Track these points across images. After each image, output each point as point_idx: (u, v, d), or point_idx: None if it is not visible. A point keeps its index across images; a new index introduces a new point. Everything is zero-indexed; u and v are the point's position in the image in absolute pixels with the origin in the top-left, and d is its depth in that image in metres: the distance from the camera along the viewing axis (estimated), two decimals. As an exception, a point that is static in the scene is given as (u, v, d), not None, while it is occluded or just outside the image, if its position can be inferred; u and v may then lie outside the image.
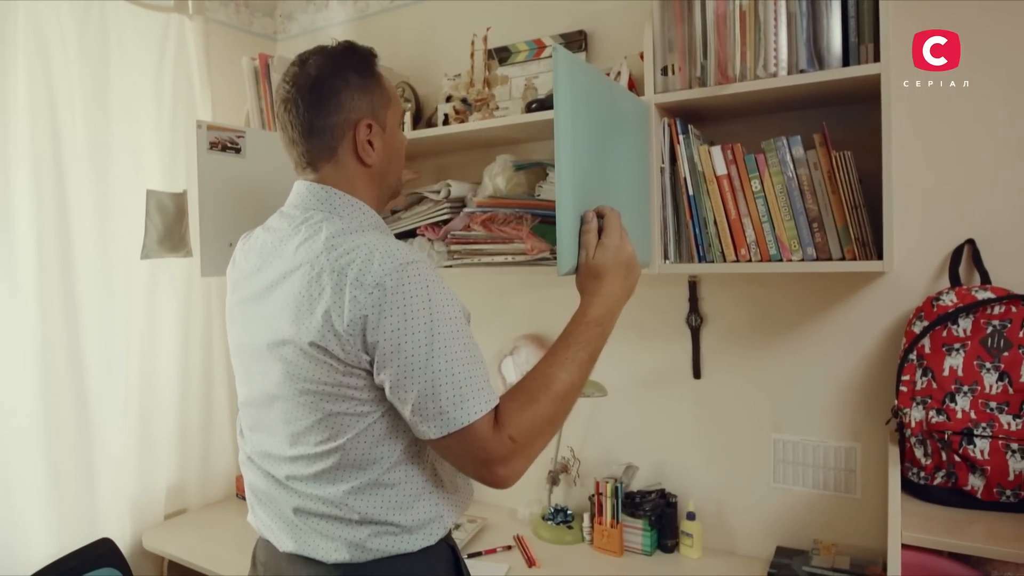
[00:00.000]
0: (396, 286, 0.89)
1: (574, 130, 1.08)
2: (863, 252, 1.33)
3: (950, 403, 1.30)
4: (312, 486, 0.98)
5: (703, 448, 1.72)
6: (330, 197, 1.04)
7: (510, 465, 0.93)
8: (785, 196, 1.38)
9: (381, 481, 0.97)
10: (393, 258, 0.91)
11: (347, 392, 0.93)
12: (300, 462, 0.98)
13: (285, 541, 1.02)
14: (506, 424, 0.92)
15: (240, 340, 1.08)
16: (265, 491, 1.05)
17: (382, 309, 0.89)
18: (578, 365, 1.00)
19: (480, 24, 1.88)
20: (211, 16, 2.14)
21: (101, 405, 1.81)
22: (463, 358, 0.92)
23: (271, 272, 1.01)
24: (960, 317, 1.32)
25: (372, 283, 0.89)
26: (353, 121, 1.05)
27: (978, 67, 1.39)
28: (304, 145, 1.05)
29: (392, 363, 0.90)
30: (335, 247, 0.94)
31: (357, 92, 1.05)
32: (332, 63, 1.05)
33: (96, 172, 1.83)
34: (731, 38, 1.39)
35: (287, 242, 1.01)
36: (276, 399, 0.99)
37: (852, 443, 1.55)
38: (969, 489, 1.25)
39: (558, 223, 1.04)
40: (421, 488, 1.00)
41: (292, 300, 0.94)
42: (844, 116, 1.45)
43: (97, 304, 1.82)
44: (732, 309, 1.67)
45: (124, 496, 1.88)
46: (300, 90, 1.03)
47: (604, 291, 1.06)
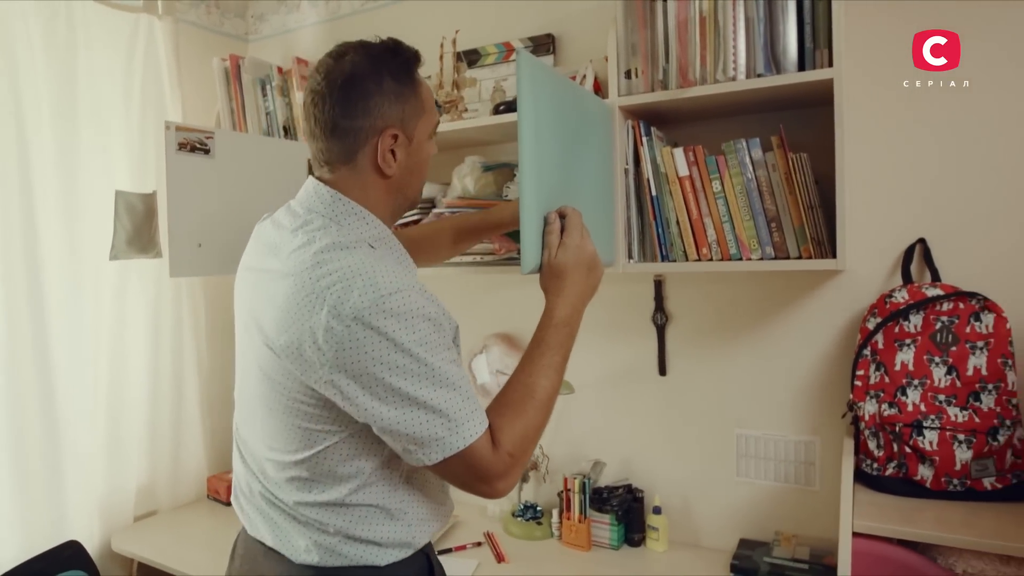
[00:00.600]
0: (375, 321, 0.86)
1: (537, 132, 1.10)
2: (819, 251, 1.37)
3: (901, 396, 1.34)
4: (284, 491, 0.99)
5: (669, 444, 1.76)
6: (335, 203, 1.00)
7: (509, 478, 0.95)
8: (744, 197, 1.42)
9: (349, 501, 0.97)
10: (375, 288, 0.87)
11: (313, 411, 0.93)
12: (274, 465, 0.99)
13: (261, 530, 1.03)
14: (502, 441, 0.94)
15: (238, 326, 1.07)
16: (247, 482, 1.06)
17: (359, 347, 0.86)
18: (555, 369, 1.02)
19: (450, 26, 1.91)
20: (181, 17, 2.14)
21: (69, 406, 1.80)
22: (451, 384, 0.91)
23: (270, 268, 0.99)
24: (911, 313, 1.37)
25: (349, 315, 0.86)
26: (379, 128, 0.99)
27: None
28: (324, 143, 1.01)
29: (376, 403, 0.88)
30: (321, 264, 0.91)
31: (390, 98, 1.00)
32: (370, 63, 0.99)
33: (64, 173, 1.82)
34: (692, 43, 1.43)
35: (285, 242, 0.98)
36: (257, 399, 0.99)
37: (812, 437, 1.59)
38: (919, 479, 1.30)
39: (522, 223, 1.07)
40: (395, 509, 1.00)
41: (275, 311, 0.92)
42: (801, 119, 1.50)
43: (65, 305, 1.81)
44: (696, 307, 1.71)
45: (92, 497, 1.87)
46: (331, 85, 0.98)
47: (568, 290, 1.08)
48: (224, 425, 2.26)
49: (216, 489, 2.11)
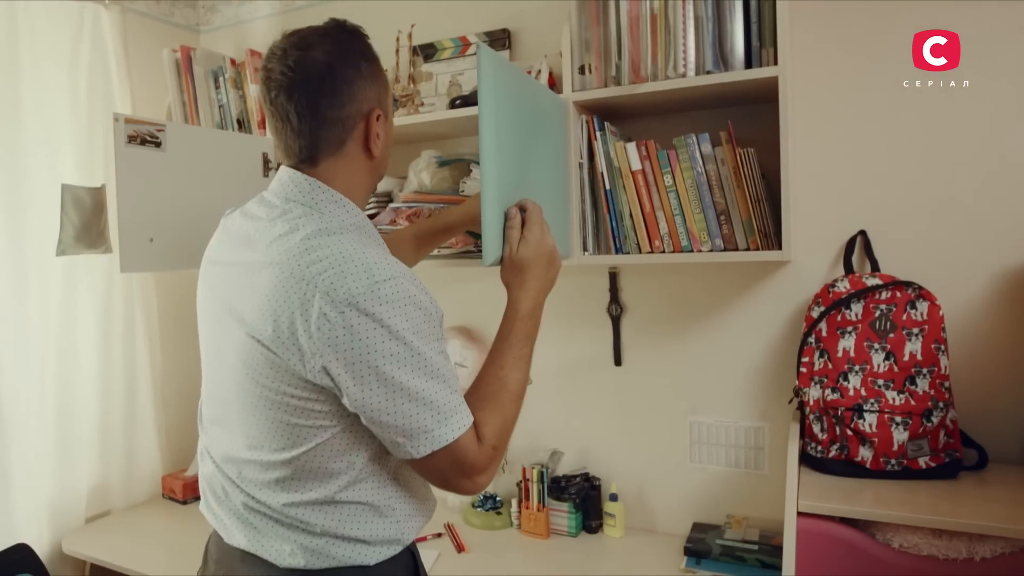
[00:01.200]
0: (370, 308, 0.85)
1: (498, 127, 1.12)
2: (766, 243, 1.42)
3: (843, 381, 1.40)
4: (267, 493, 0.95)
5: (625, 432, 1.80)
6: (314, 191, 0.98)
7: (489, 472, 0.96)
8: (695, 190, 1.46)
9: (339, 499, 0.95)
10: (369, 274, 0.87)
11: (304, 404, 0.90)
12: (256, 467, 0.95)
13: (237, 536, 0.99)
14: (486, 435, 0.94)
15: (204, 322, 1.04)
16: (220, 486, 1.02)
17: (354, 333, 0.85)
18: (525, 361, 1.05)
19: (406, 20, 1.90)
20: (129, 6, 2.09)
21: (16, 405, 1.76)
22: (441, 376, 0.90)
23: (245, 260, 0.96)
24: (852, 302, 1.43)
25: (344, 301, 0.85)
26: (365, 112, 0.99)
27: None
28: (310, 138, 0.98)
29: (368, 392, 0.87)
30: (310, 250, 0.89)
31: (368, 80, 0.99)
32: (341, 49, 0.98)
33: (6, 166, 1.76)
34: (643, 39, 1.46)
35: (263, 233, 0.96)
36: (236, 397, 0.95)
37: (761, 423, 1.65)
38: (859, 460, 1.36)
39: (483, 217, 1.08)
40: (383, 505, 0.98)
41: (260, 300, 0.89)
42: (749, 115, 1.54)
43: (10, 302, 1.76)
44: (650, 299, 1.76)
45: (41, 499, 1.82)
46: (309, 77, 0.95)
47: (529, 284, 1.09)
48: (179, 423, 2.23)
49: (171, 488, 2.08)
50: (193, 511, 2.00)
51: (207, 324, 1.04)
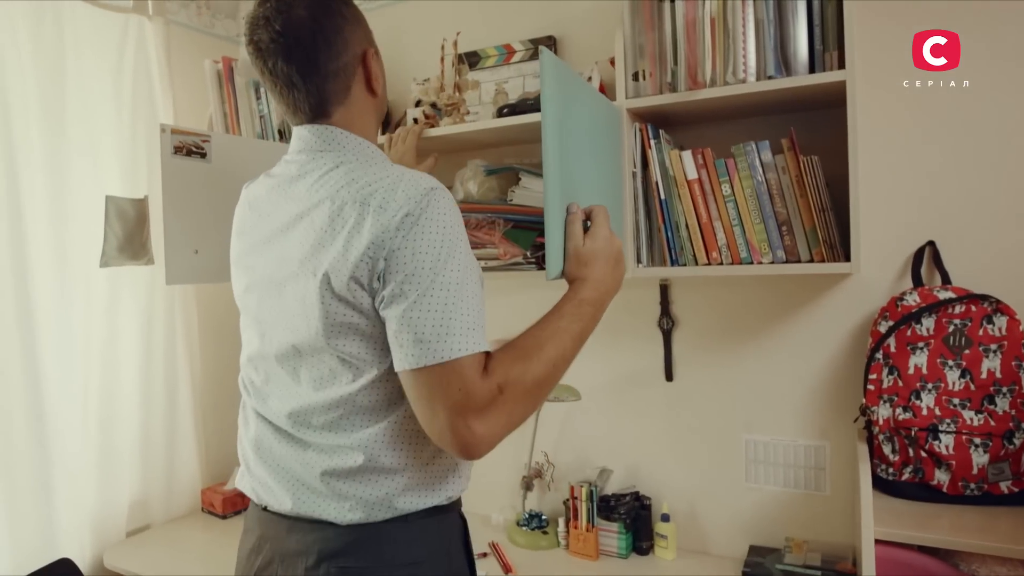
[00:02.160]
0: (420, 210, 0.87)
1: (560, 134, 1.08)
2: (831, 254, 1.36)
3: (916, 400, 1.33)
4: (330, 435, 0.94)
5: (676, 450, 1.74)
6: (337, 137, 1.00)
7: (488, 420, 0.84)
8: (755, 200, 1.40)
9: (403, 426, 0.93)
10: (417, 184, 0.89)
11: (367, 328, 0.90)
12: (321, 411, 0.94)
13: (285, 500, 0.97)
14: (495, 371, 0.86)
15: (252, 287, 1.03)
16: (272, 448, 1.00)
17: (402, 229, 0.86)
18: (571, 336, 0.96)
19: (448, 28, 1.88)
20: (172, 18, 2.09)
21: (59, 418, 1.74)
22: (467, 292, 0.87)
23: (282, 215, 0.98)
24: (923, 316, 1.36)
25: (396, 207, 0.87)
26: (359, 54, 1.02)
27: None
28: (319, 94, 0.99)
29: (396, 277, 0.86)
30: (355, 180, 0.91)
31: (353, 23, 1.01)
32: (319, 1, 0.98)
33: (52, 178, 1.76)
34: (701, 44, 1.41)
35: (296, 183, 0.98)
36: (296, 344, 0.95)
37: (821, 441, 1.58)
38: (935, 483, 1.29)
39: (547, 226, 1.03)
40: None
41: (313, 237, 0.91)
42: (810, 121, 1.49)
43: (54, 313, 1.75)
44: (703, 312, 1.70)
45: (84, 513, 1.81)
46: (300, 37, 0.96)
47: (594, 276, 1.03)
48: (219, 435, 2.21)
49: (211, 501, 2.06)
50: (233, 525, 1.98)
51: (248, 295, 1.04)
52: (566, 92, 1.12)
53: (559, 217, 1.06)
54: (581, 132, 1.21)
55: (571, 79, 1.19)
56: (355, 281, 0.88)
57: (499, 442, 0.88)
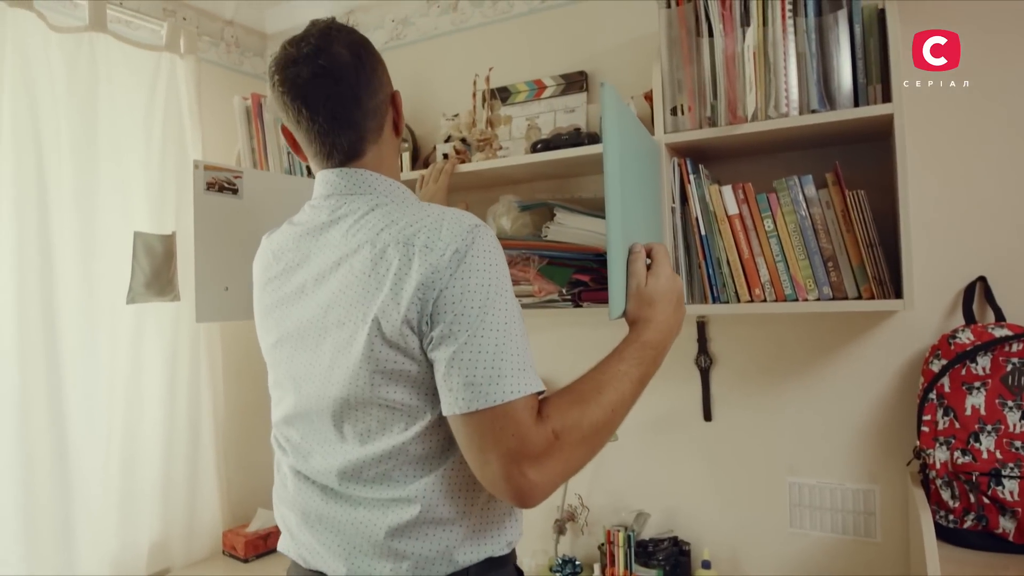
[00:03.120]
0: (467, 246, 0.85)
1: (621, 170, 1.05)
2: (880, 291, 1.32)
3: (974, 443, 1.28)
4: (383, 488, 0.89)
5: (716, 493, 1.68)
6: (367, 179, 0.98)
7: (544, 468, 0.81)
8: (799, 235, 1.37)
9: (458, 473, 0.89)
10: (461, 221, 0.88)
11: (417, 374, 0.86)
12: (371, 464, 0.89)
13: (339, 567, 0.92)
14: (551, 416, 0.82)
15: (283, 341, 0.99)
16: (319, 512, 0.95)
17: (451, 268, 0.84)
18: (631, 380, 0.92)
19: (477, 64, 1.88)
20: (202, 56, 2.11)
21: (82, 457, 1.71)
22: (515, 332, 0.84)
23: (315, 264, 0.95)
24: (979, 355, 1.31)
25: (443, 245, 0.85)
26: (390, 94, 1.03)
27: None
28: (357, 131, 0.98)
29: (445, 318, 0.83)
30: (395, 221, 0.90)
31: (382, 65, 1.03)
32: (354, 40, 0.99)
33: (82, 213, 1.75)
34: (741, 78, 1.39)
35: (329, 230, 0.95)
36: (338, 396, 0.90)
37: (870, 485, 1.52)
38: (1000, 532, 1.23)
39: (610, 263, 0.99)
40: None
41: (355, 284, 0.88)
42: (851, 154, 1.46)
43: (80, 350, 1.72)
44: (742, 350, 1.65)
45: (104, 555, 1.76)
46: (345, 74, 0.95)
47: (658, 317, 1.00)
48: (240, 477, 2.16)
49: (232, 544, 2.00)
50: (254, 569, 1.92)
51: (280, 349, 1.00)
52: (624, 128, 1.10)
53: (622, 255, 1.03)
54: (633, 168, 1.18)
55: (626, 114, 1.17)
56: (407, 324, 0.84)
57: (555, 490, 0.84)
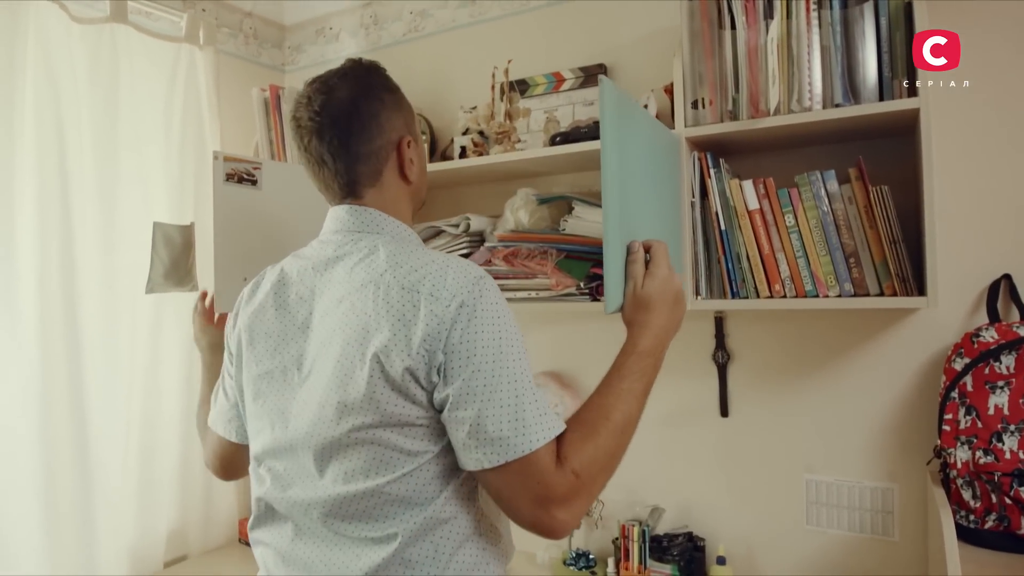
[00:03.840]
0: (474, 300, 0.87)
1: (620, 165, 1.05)
2: (903, 288, 1.30)
3: (997, 443, 1.26)
4: (353, 527, 0.90)
5: (732, 489, 1.67)
6: (375, 219, 1.00)
7: (571, 506, 0.84)
8: (820, 231, 1.36)
9: (431, 519, 0.89)
10: (466, 272, 0.89)
11: (407, 420, 0.87)
12: (342, 502, 0.90)
13: None
14: (568, 457, 0.85)
15: (274, 373, 0.98)
16: (296, 551, 0.95)
17: (458, 321, 0.85)
18: (635, 396, 0.95)
19: (495, 57, 1.87)
20: (220, 47, 2.11)
21: (102, 445, 1.72)
22: (528, 379, 0.88)
23: (319, 300, 0.95)
24: (1003, 354, 1.29)
25: (449, 296, 0.86)
26: (395, 141, 1.03)
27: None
28: (347, 175, 1.00)
29: (460, 375, 0.85)
30: (399, 264, 0.91)
31: (393, 110, 1.03)
32: (362, 85, 1.01)
33: (103, 203, 1.76)
34: (763, 71, 1.38)
35: (334, 266, 0.96)
36: (328, 434, 0.89)
37: (889, 484, 1.50)
38: (1023, 533, 1.21)
39: (605, 258, 1.00)
40: (468, 532, 0.92)
41: (356, 322, 0.89)
42: (874, 149, 1.44)
43: (100, 340, 1.74)
44: (760, 345, 1.64)
45: (123, 543, 1.78)
46: (336, 118, 0.98)
47: (653, 322, 1.01)
48: (256, 465, 2.18)
49: (248, 533, 2.01)
50: (270, 559, 1.93)
51: (270, 381, 0.99)
52: (625, 121, 1.09)
53: (618, 249, 1.03)
54: (639, 162, 1.17)
55: (630, 107, 1.16)
56: (409, 372, 0.85)
57: (583, 517, 0.91)
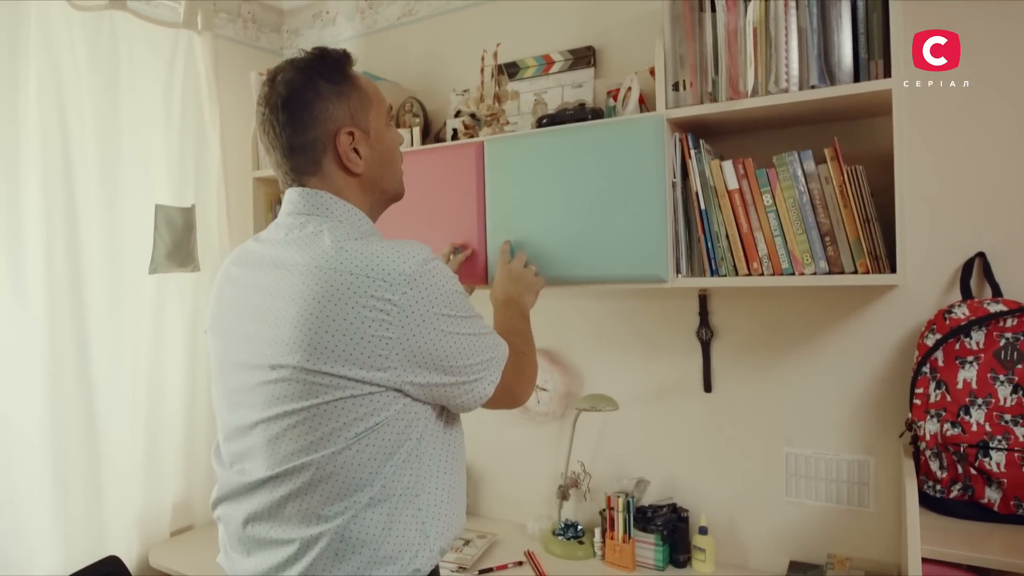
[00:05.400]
0: (422, 280, 0.93)
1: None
2: (875, 265, 1.33)
3: (965, 416, 1.30)
4: (292, 504, 0.93)
5: (715, 462, 1.72)
6: (324, 201, 1.02)
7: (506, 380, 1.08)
8: (797, 210, 1.39)
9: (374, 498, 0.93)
10: (413, 255, 0.94)
11: (349, 397, 0.90)
12: (279, 482, 0.93)
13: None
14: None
15: (231, 358, 1.01)
16: (238, 531, 1.00)
17: (411, 302, 0.91)
18: (517, 321, 1.32)
19: (488, 40, 1.90)
20: (219, 32, 2.15)
21: (109, 420, 1.80)
22: (484, 331, 1.04)
23: (267, 281, 0.97)
24: (973, 330, 1.32)
25: (399, 278, 0.91)
26: (332, 132, 1.01)
27: (978, 67, 1.40)
28: (287, 164, 1.03)
29: (427, 354, 0.94)
30: (345, 250, 0.93)
31: (331, 101, 1.01)
32: (300, 75, 1.01)
33: (105, 186, 1.82)
34: (742, 54, 1.40)
35: (283, 248, 0.98)
36: (269, 417, 0.93)
37: (865, 456, 1.55)
38: (986, 502, 1.25)
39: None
40: (404, 505, 0.96)
41: (298, 306, 0.90)
42: (853, 130, 1.47)
43: (106, 318, 1.81)
44: (742, 323, 1.68)
45: (131, 513, 1.86)
46: (273, 110, 1.00)
47: (498, 287, 1.44)
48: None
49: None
50: (272, 529, 2.01)
51: (226, 360, 1.03)
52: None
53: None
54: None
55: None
56: (348, 358, 0.89)
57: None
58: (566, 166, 1.52)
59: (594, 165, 1.49)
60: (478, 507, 2.07)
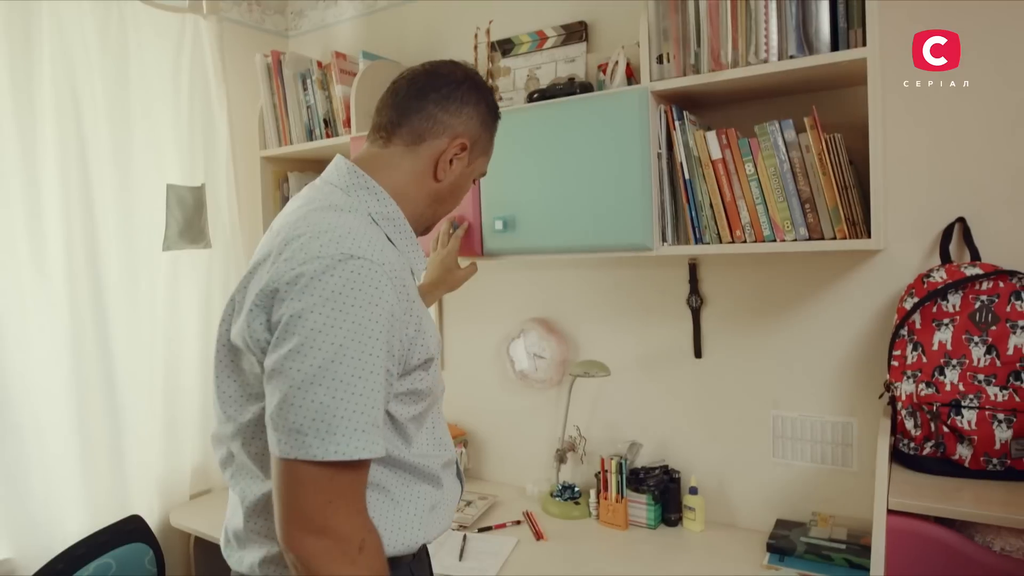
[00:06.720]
0: (322, 273, 0.82)
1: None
2: (853, 231, 1.37)
3: (939, 376, 1.34)
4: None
5: (705, 425, 1.78)
6: (351, 175, 0.99)
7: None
8: (778, 179, 1.42)
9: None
10: (339, 244, 0.85)
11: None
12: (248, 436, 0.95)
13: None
14: None
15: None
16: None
17: (296, 289, 0.82)
18: None
19: (484, 17, 1.94)
20: (224, 15, 2.21)
21: (129, 390, 1.90)
22: (358, 386, 0.81)
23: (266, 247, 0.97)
24: (949, 293, 1.36)
25: (302, 258, 0.84)
26: (455, 133, 1.04)
27: (978, 66, 1.42)
28: (400, 116, 1.02)
29: (279, 347, 0.82)
30: (306, 217, 0.90)
31: (477, 119, 1.06)
32: (479, 83, 1.08)
33: (119, 168, 1.91)
34: (723, 26, 1.43)
35: (285, 213, 1.00)
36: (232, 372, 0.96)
37: (849, 418, 1.59)
38: (957, 458, 1.30)
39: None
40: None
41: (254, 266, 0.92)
42: (835, 100, 1.50)
43: (123, 293, 1.90)
44: (731, 290, 1.72)
45: (152, 476, 1.97)
46: (437, 78, 1.04)
47: None
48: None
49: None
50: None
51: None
52: None
53: None
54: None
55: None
56: (252, 330, 0.87)
57: None
58: (556, 139, 1.57)
59: (582, 138, 1.54)
60: (480, 471, 2.15)
